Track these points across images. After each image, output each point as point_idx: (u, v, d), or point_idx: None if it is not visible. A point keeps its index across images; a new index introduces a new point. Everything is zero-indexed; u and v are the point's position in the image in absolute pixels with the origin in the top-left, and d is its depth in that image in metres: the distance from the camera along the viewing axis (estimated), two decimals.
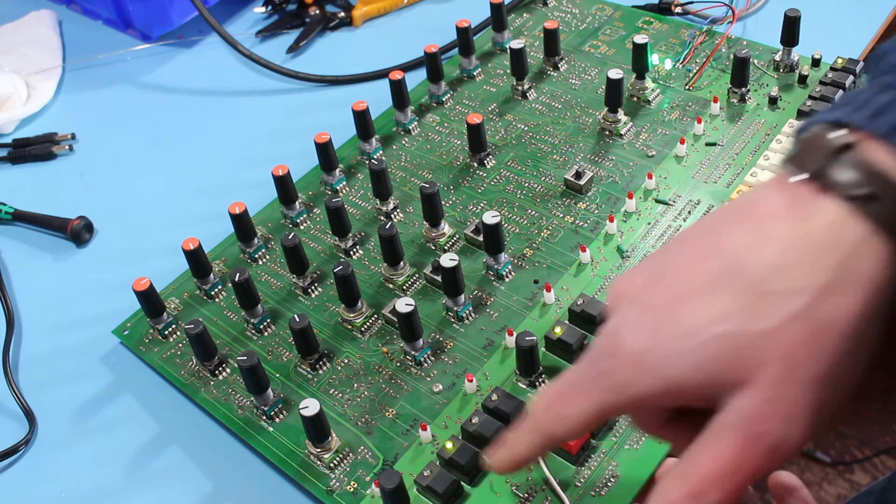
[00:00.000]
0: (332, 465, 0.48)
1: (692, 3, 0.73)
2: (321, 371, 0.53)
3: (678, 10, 0.73)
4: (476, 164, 0.64)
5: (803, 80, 0.64)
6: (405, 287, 0.56)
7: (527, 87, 0.69)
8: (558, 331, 0.50)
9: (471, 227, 0.58)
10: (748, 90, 0.63)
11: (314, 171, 0.66)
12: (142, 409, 0.54)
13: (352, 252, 0.59)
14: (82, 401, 0.55)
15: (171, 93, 0.80)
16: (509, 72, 0.69)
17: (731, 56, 0.64)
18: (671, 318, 0.31)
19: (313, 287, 0.57)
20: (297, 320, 0.50)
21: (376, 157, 0.66)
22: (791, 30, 0.63)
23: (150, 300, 0.55)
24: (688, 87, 0.66)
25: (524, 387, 0.49)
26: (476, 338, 0.53)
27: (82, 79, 0.83)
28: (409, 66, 0.75)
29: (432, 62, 0.68)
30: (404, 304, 0.49)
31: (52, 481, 0.51)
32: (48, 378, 0.57)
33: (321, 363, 0.53)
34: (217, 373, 0.54)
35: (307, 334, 0.51)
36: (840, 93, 0.60)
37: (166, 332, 0.56)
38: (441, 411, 0.49)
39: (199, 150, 0.73)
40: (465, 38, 0.70)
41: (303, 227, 0.62)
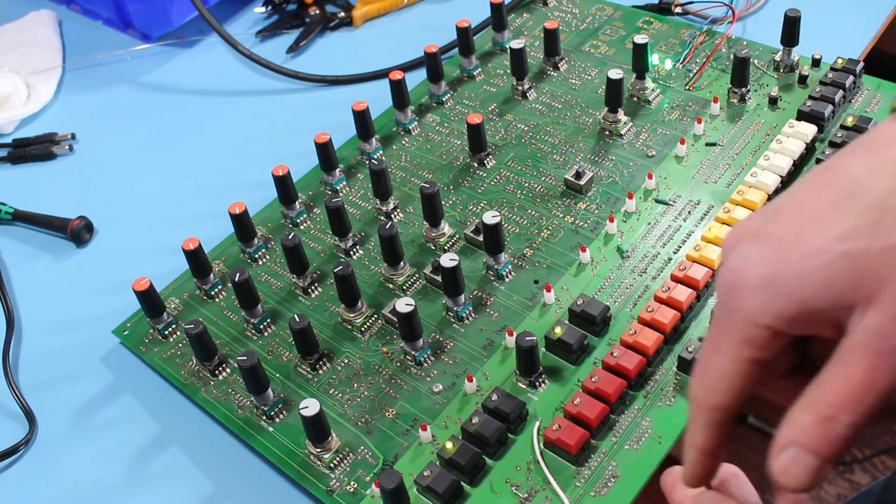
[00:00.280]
0: (332, 465, 0.48)
1: (692, 3, 0.73)
2: (321, 371, 0.53)
3: (678, 10, 0.73)
4: (476, 164, 0.64)
5: (803, 80, 0.64)
6: (405, 287, 0.56)
7: (527, 87, 0.69)
8: (558, 331, 0.50)
9: (471, 227, 0.58)
10: (748, 90, 0.63)
11: (314, 171, 0.66)
12: (142, 409, 0.54)
13: (352, 252, 0.59)
14: (82, 401, 0.55)
15: (171, 93, 0.80)
16: (509, 72, 0.69)
17: (731, 56, 0.64)
18: (794, 243, 0.31)
19: (313, 287, 0.57)
20: (297, 320, 0.50)
21: (376, 157, 0.66)
22: (791, 30, 0.63)
23: (150, 300, 0.55)
24: (688, 87, 0.66)
25: (524, 387, 0.49)
26: (476, 338, 0.53)
27: (82, 79, 0.83)
28: (409, 66, 0.75)
29: (432, 62, 0.68)
30: (404, 304, 0.49)
31: (52, 481, 0.51)
32: (48, 378, 0.57)
33: (321, 363, 0.53)
34: (217, 373, 0.54)
35: (307, 334, 0.51)
36: (840, 93, 0.60)
37: (166, 332, 0.56)
38: (441, 411, 0.49)
39: (199, 150, 0.73)
40: (465, 38, 0.70)
41: (303, 227, 0.62)
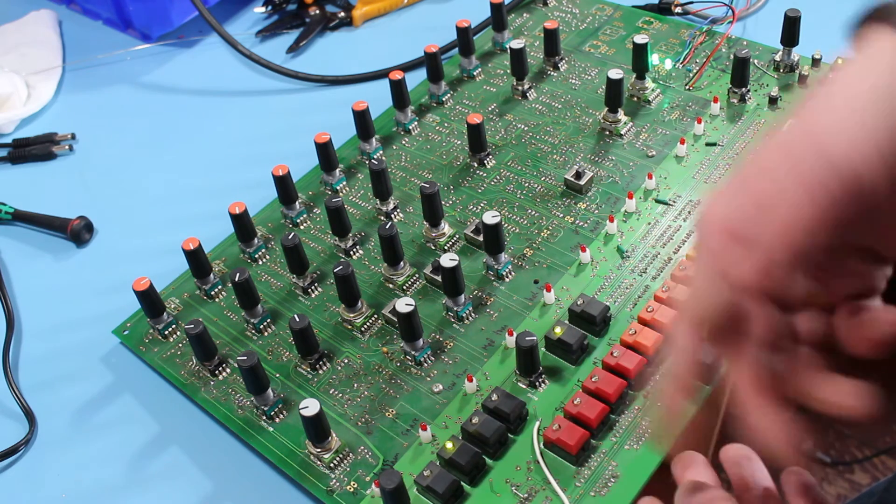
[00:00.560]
0: (332, 465, 0.48)
1: (692, 3, 0.73)
2: (321, 371, 0.53)
3: (678, 10, 0.73)
4: (476, 164, 0.64)
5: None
6: (405, 287, 0.56)
7: (527, 87, 0.69)
8: (558, 331, 0.50)
9: (471, 227, 0.58)
10: (748, 90, 0.63)
11: (314, 171, 0.66)
12: (142, 409, 0.54)
13: (352, 252, 0.59)
14: (82, 401, 0.55)
15: (171, 93, 0.80)
16: (509, 72, 0.69)
17: (731, 56, 0.64)
18: (791, 152, 0.30)
19: (313, 287, 0.57)
20: (297, 320, 0.50)
21: (376, 157, 0.66)
22: (791, 30, 0.63)
23: (150, 300, 0.55)
24: (688, 87, 0.66)
25: (524, 387, 0.49)
26: (476, 338, 0.53)
27: (82, 79, 0.83)
28: (409, 66, 0.75)
29: (432, 62, 0.68)
30: (404, 304, 0.49)
31: (52, 481, 0.51)
32: (48, 378, 0.57)
33: (321, 363, 0.53)
34: (217, 373, 0.54)
35: (307, 334, 0.51)
36: None
37: (166, 332, 0.56)
38: (441, 411, 0.49)
39: (199, 150, 0.73)
40: (465, 38, 0.70)
41: (303, 227, 0.62)
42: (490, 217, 0.53)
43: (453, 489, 0.44)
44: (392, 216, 0.61)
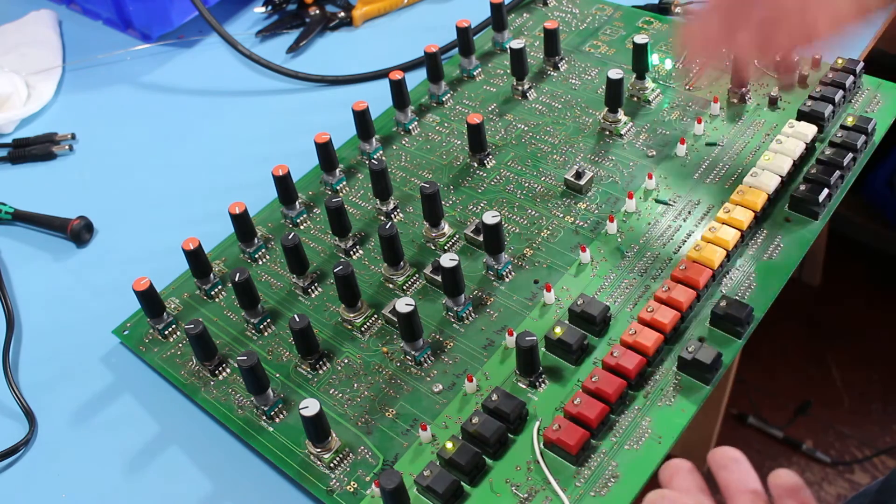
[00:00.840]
0: (332, 465, 0.48)
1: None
2: (321, 371, 0.53)
3: (678, 10, 0.73)
4: (476, 164, 0.64)
5: (803, 80, 0.64)
6: (405, 287, 0.56)
7: (527, 87, 0.69)
8: (558, 331, 0.50)
9: (471, 227, 0.58)
10: (748, 90, 0.63)
11: (314, 171, 0.66)
12: (142, 409, 0.54)
13: (352, 252, 0.59)
14: (82, 401, 0.55)
15: (171, 93, 0.80)
16: (509, 72, 0.69)
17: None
18: None
19: (313, 287, 0.58)
20: (297, 320, 0.50)
21: (376, 157, 0.66)
22: None
23: (150, 300, 0.55)
24: (688, 87, 0.66)
25: (524, 387, 0.49)
26: (476, 338, 0.53)
27: (82, 79, 0.83)
28: (409, 66, 0.75)
29: (432, 62, 0.68)
30: (404, 304, 0.49)
31: (52, 481, 0.51)
32: (48, 378, 0.57)
33: (321, 363, 0.53)
34: (217, 373, 0.54)
35: (307, 334, 0.51)
36: (840, 93, 0.60)
37: (166, 332, 0.56)
38: (441, 411, 0.49)
39: (200, 150, 0.73)
40: (465, 38, 0.70)
41: (303, 227, 0.62)
42: (490, 217, 0.53)
43: (453, 489, 0.44)
44: (392, 216, 0.61)
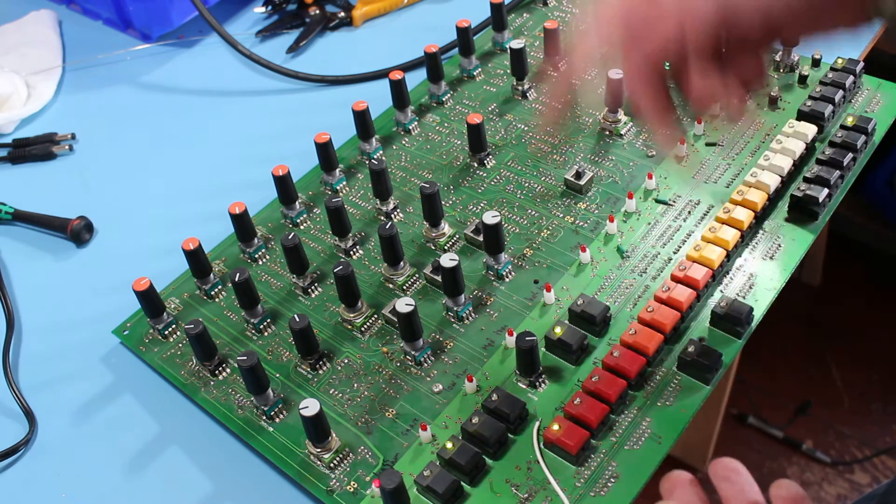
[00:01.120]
0: (332, 465, 0.48)
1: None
2: (321, 371, 0.53)
3: None
4: (476, 164, 0.64)
5: (803, 80, 0.64)
6: (405, 287, 0.56)
7: (527, 87, 0.69)
8: (558, 331, 0.50)
9: (471, 227, 0.58)
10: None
11: (314, 171, 0.66)
12: (142, 409, 0.54)
13: (352, 252, 0.59)
14: (82, 401, 0.55)
15: (171, 93, 0.80)
16: (509, 72, 0.69)
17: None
18: None
19: (313, 287, 0.58)
20: (297, 320, 0.50)
21: (376, 157, 0.66)
22: None
23: (150, 300, 0.55)
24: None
25: (524, 387, 0.49)
26: (476, 338, 0.53)
27: (82, 79, 0.83)
28: (409, 66, 0.75)
29: (432, 62, 0.68)
30: (404, 304, 0.49)
31: (52, 481, 0.51)
32: (48, 378, 0.57)
33: (321, 363, 0.53)
34: (217, 373, 0.54)
35: (307, 334, 0.51)
36: (840, 93, 0.60)
37: (166, 332, 0.56)
38: (441, 411, 0.49)
39: (199, 150, 0.73)
40: (465, 38, 0.70)
41: (303, 227, 0.62)
42: (490, 217, 0.53)
43: (453, 489, 0.44)
44: (392, 216, 0.61)
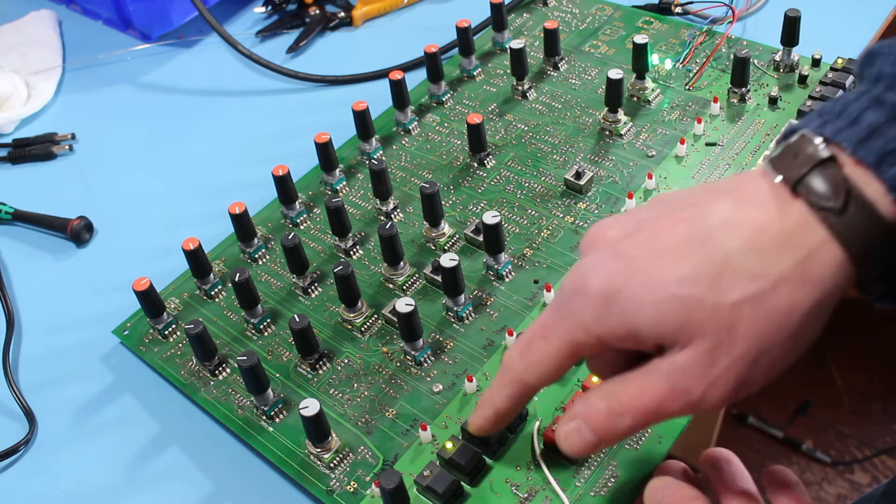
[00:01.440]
0: (332, 465, 0.48)
1: (692, 3, 0.73)
2: (321, 371, 0.53)
3: (678, 10, 0.73)
4: (476, 164, 0.64)
5: (803, 80, 0.64)
6: (405, 287, 0.56)
7: (527, 87, 0.69)
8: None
9: (471, 227, 0.58)
10: (748, 90, 0.63)
11: (314, 171, 0.66)
12: (142, 409, 0.54)
13: (352, 252, 0.59)
14: (82, 401, 0.55)
15: (171, 93, 0.80)
16: (509, 72, 0.69)
17: (731, 56, 0.64)
18: (642, 270, 0.34)
19: (313, 287, 0.57)
20: (297, 320, 0.50)
21: (376, 157, 0.66)
22: (791, 30, 0.63)
23: (150, 300, 0.55)
24: (688, 87, 0.66)
25: None
26: (476, 338, 0.53)
27: (82, 79, 0.83)
28: (409, 66, 0.75)
29: (432, 62, 0.68)
30: (404, 304, 0.49)
31: (52, 481, 0.51)
32: (48, 378, 0.57)
33: (321, 363, 0.53)
34: (217, 373, 0.54)
35: (307, 334, 0.51)
36: (840, 93, 0.60)
37: (166, 332, 0.56)
38: (441, 411, 0.49)
39: (199, 149, 0.73)
40: (465, 38, 0.70)
41: (303, 227, 0.62)
42: (490, 217, 0.53)
43: (453, 489, 0.44)
44: (392, 216, 0.61)
